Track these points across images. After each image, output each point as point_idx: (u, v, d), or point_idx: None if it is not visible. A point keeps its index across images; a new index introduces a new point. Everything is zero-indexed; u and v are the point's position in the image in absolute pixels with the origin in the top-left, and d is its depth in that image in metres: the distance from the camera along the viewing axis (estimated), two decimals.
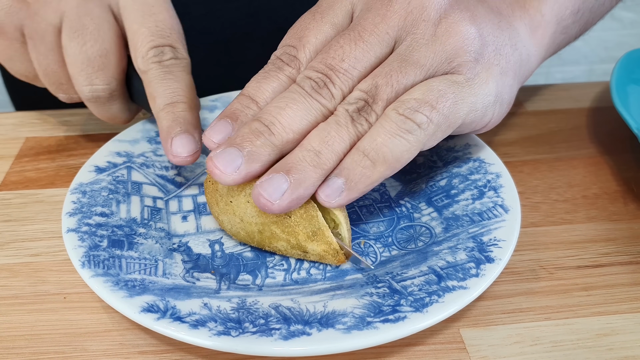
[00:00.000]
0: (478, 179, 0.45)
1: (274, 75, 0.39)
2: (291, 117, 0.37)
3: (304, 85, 0.38)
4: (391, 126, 0.36)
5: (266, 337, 0.33)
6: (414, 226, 0.43)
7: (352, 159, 0.37)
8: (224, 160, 0.36)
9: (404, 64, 0.38)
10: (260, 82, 0.39)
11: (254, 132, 0.37)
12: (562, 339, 0.37)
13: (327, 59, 0.38)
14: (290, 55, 0.40)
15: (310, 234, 0.38)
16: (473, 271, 0.37)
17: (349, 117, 0.37)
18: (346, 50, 0.38)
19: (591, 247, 0.44)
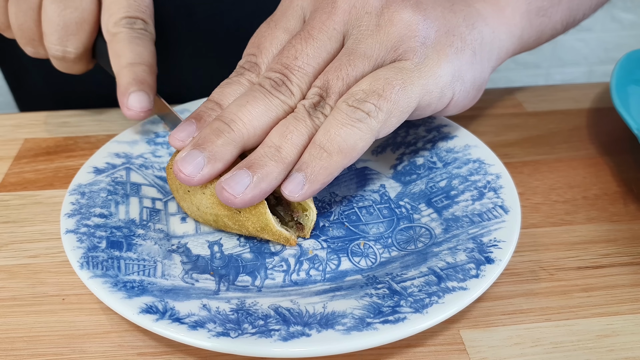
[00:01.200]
0: (478, 180, 0.44)
1: (235, 81, 0.42)
2: (251, 113, 0.39)
3: (264, 84, 0.40)
4: (342, 117, 0.38)
5: (265, 338, 0.33)
6: (414, 227, 0.43)
7: (310, 153, 0.38)
8: (188, 163, 0.38)
9: (352, 57, 0.40)
10: (223, 88, 0.42)
11: (214, 132, 0.38)
12: (563, 340, 0.37)
13: (282, 59, 0.41)
14: (251, 62, 0.42)
15: (259, 228, 0.40)
16: (473, 272, 0.37)
17: (306, 112, 0.39)
18: (298, 49, 0.40)
19: (591, 248, 0.44)
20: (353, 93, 0.39)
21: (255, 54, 0.43)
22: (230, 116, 0.39)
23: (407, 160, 0.49)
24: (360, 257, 0.41)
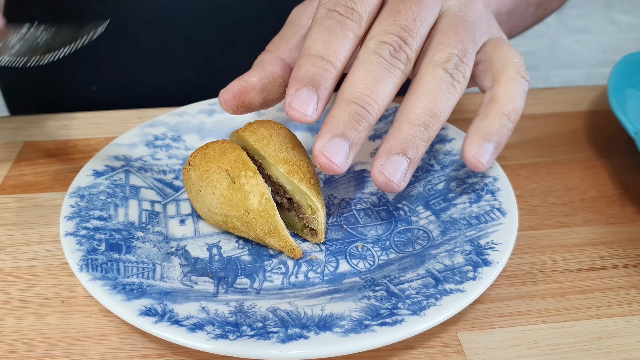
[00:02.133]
0: (475, 183, 0.45)
1: (340, 32, 0.38)
2: (383, 93, 0.37)
3: (383, 53, 0.37)
4: (516, 87, 0.40)
5: (264, 341, 0.33)
6: (412, 229, 0.43)
7: (499, 123, 0.39)
8: (337, 154, 0.36)
9: (467, 27, 0.41)
10: (328, 40, 0.38)
11: (354, 117, 0.36)
12: (560, 342, 0.37)
13: (399, 19, 0.38)
14: (347, 7, 0.38)
15: (267, 230, 0.40)
16: (470, 274, 0.37)
17: (450, 78, 0.38)
18: (415, 11, 0.39)
19: (589, 250, 0.44)
20: (516, 65, 0.41)
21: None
22: (365, 99, 0.37)
23: None
24: (358, 259, 0.41)
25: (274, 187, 0.41)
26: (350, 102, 0.37)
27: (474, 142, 0.39)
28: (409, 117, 0.37)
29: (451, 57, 0.38)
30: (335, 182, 0.48)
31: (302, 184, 0.40)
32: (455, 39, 0.39)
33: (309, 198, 0.40)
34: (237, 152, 0.41)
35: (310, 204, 0.41)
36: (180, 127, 0.51)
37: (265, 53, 0.45)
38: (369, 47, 0.38)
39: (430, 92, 0.38)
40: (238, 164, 0.40)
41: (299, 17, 0.47)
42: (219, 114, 0.53)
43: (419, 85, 0.38)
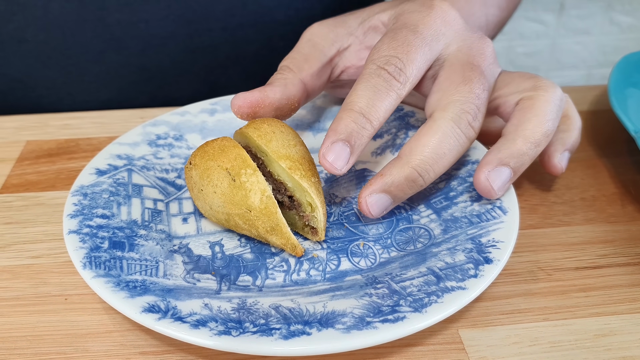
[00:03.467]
0: None
1: (384, 92, 0.40)
2: (445, 164, 0.40)
3: (461, 123, 0.40)
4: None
5: (266, 337, 0.33)
6: (413, 228, 0.43)
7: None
8: (377, 206, 0.41)
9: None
10: (372, 99, 0.39)
11: (408, 183, 0.40)
12: (561, 340, 0.37)
13: (469, 96, 0.41)
14: (397, 67, 0.40)
15: (269, 228, 0.40)
16: (472, 272, 0.37)
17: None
18: (483, 82, 0.42)
19: (589, 249, 0.44)
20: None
21: (402, 60, 0.41)
22: (424, 167, 0.40)
23: None
24: (359, 257, 0.41)
25: (275, 185, 0.41)
26: (408, 166, 0.40)
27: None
28: (525, 133, 0.41)
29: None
30: (337, 181, 0.48)
31: (303, 180, 0.40)
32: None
33: (309, 195, 0.41)
34: (236, 149, 0.41)
35: (309, 201, 0.41)
36: (182, 126, 0.52)
37: (288, 71, 0.47)
38: (449, 113, 0.41)
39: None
40: (238, 161, 0.40)
41: (319, 39, 0.48)
42: (221, 114, 0.53)
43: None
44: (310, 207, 0.41)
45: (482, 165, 0.41)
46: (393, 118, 0.52)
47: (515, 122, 0.42)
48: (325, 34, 0.49)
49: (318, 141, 0.52)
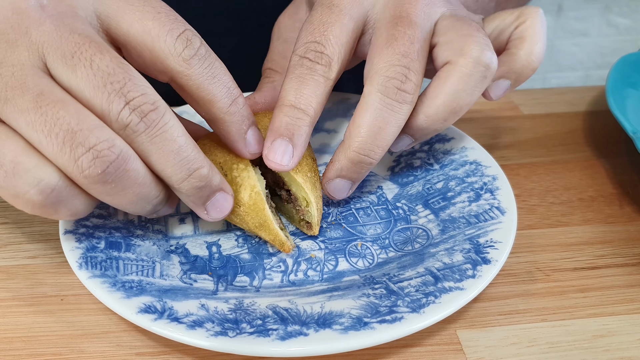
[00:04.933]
0: (474, 182, 0.45)
1: (310, 79, 0.39)
2: (388, 135, 0.40)
3: (389, 92, 0.39)
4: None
5: (263, 338, 0.33)
6: (411, 228, 0.43)
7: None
8: (339, 190, 0.42)
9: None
10: (298, 89, 0.39)
11: (356, 165, 0.41)
12: (559, 341, 0.37)
13: (398, 47, 0.39)
14: (317, 52, 0.40)
15: (257, 224, 0.40)
16: (469, 272, 0.37)
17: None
18: (410, 34, 0.40)
19: (587, 249, 0.44)
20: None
21: (321, 43, 0.40)
22: (368, 147, 0.40)
23: (404, 162, 0.49)
24: (357, 257, 0.41)
25: (275, 179, 0.41)
26: (354, 151, 0.40)
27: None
28: (428, 111, 0.41)
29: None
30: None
31: (299, 175, 0.40)
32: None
33: (303, 190, 0.41)
34: None
35: (304, 196, 0.41)
36: None
37: (273, 73, 0.48)
38: (374, 86, 0.39)
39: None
40: (231, 156, 0.40)
41: (287, 32, 0.49)
42: None
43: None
44: (305, 202, 0.41)
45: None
46: None
47: (427, 94, 0.41)
48: (291, 24, 0.49)
49: (316, 140, 0.52)
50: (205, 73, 0.36)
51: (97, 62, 0.33)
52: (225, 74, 0.37)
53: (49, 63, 0.33)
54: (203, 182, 0.36)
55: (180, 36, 0.35)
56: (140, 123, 0.33)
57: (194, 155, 0.35)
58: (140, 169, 0.34)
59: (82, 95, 0.33)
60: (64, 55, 0.33)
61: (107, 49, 0.33)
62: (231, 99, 0.37)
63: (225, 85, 0.37)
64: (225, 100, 0.37)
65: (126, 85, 0.33)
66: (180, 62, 0.35)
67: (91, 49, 0.33)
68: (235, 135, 0.38)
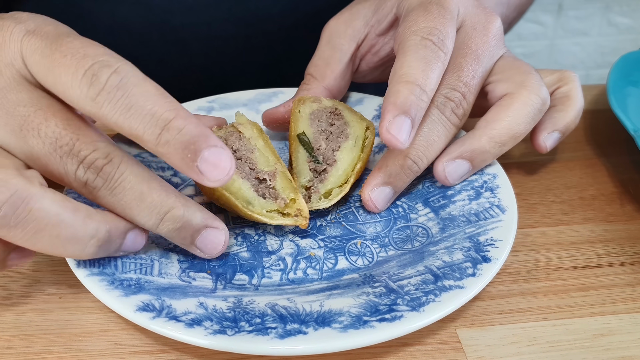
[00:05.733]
0: (474, 180, 0.44)
1: (434, 62, 0.40)
2: (435, 150, 0.43)
3: (445, 109, 0.43)
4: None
5: (262, 336, 0.33)
6: (411, 227, 0.43)
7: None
8: (381, 199, 0.43)
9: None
10: (425, 70, 0.40)
11: (405, 171, 0.42)
12: (559, 339, 0.37)
13: (462, 76, 0.43)
14: (439, 38, 0.41)
15: (244, 203, 0.41)
16: (470, 271, 0.37)
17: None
18: (475, 70, 0.44)
19: (588, 248, 0.44)
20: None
21: (441, 31, 0.42)
22: (418, 154, 0.42)
23: None
24: (357, 256, 0.41)
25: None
26: (406, 158, 0.42)
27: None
28: (492, 132, 0.44)
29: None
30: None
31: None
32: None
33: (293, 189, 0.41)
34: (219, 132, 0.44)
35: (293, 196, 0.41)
36: None
37: (312, 80, 0.50)
38: (433, 101, 0.42)
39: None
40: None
41: (338, 38, 0.50)
42: (218, 112, 0.53)
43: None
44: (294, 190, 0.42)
45: (443, 155, 0.43)
46: None
47: (489, 118, 0.44)
48: (343, 30, 0.50)
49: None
50: (118, 107, 0.32)
51: (44, 130, 0.33)
52: (146, 99, 0.32)
53: (1, 141, 0.34)
54: (179, 223, 0.35)
55: (85, 74, 0.32)
56: (97, 179, 0.34)
57: (161, 198, 0.34)
58: (52, 208, 0.32)
59: (40, 162, 0.34)
60: (14, 130, 0.34)
61: (53, 113, 0.34)
62: (159, 127, 0.32)
63: (147, 113, 0.32)
64: (151, 132, 0.32)
65: (75, 145, 0.33)
66: (89, 103, 0.32)
67: (37, 119, 0.34)
68: (182, 167, 0.32)
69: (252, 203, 0.41)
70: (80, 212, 0.33)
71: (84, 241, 0.34)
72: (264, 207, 0.41)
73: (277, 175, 0.42)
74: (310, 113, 0.47)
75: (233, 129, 0.45)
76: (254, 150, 0.43)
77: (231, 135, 0.44)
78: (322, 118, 0.46)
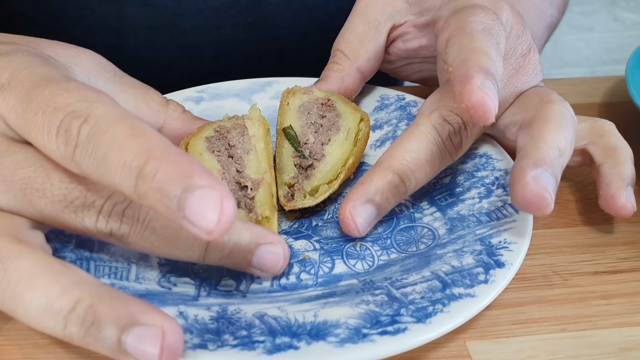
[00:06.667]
0: (485, 176, 0.41)
1: (497, 52, 0.36)
2: (427, 173, 0.38)
3: (442, 132, 0.38)
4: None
5: (248, 351, 0.29)
6: (415, 227, 0.39)
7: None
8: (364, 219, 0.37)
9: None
10: (496, 51, 0.36)
11: (392, 189, 0.37)
12: (580, 354, 0.34)
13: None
14: (497, 40, 0.37)
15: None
16: (481, 277, 0.33)
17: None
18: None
19: (609, 251, 0.40)
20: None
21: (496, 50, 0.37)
22: (406, 173, 0.37)
23: None
24: (356, 259, 0.37)
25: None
26: (393, 172, 0.37)
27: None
28: (544, 138, 0.36)
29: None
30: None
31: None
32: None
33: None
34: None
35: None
36: None
37: (344, 59, 0.45)
38: (432, 119, 0.38)
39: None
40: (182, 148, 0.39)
41: (375, 13, 0.46)
42: (207, 102, 0.49)
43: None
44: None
45: (521, 171, 0.34)
46: (394, 108, 0.48)
47: (527, 137, 0.37)
48: (382, 6, 0.46)
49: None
50: (93, 162, 0.28)
51: (49, 189, 0.31)
52: (115, 147, 0.27)
53: (7, 207, 0.31)
54: (226, 249, 0.32)
55: (59, 132, 0.29)
56: (122, 226, 0.31)
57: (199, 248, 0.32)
58: (29, 269, 0.28)
59: (56, 222, 0.32)
60: (16, 196, 0.31)
61: (53, 167, 0.31)
62: (133, 176, 0.27)
63: (118, 163, 0.27)
64: (127, 185, 0.27)
65: (87, 197, 0.31)
66: (70, 163, 0.29)
67: (39, 179, 0.31)
68: (169, 215, 0.26)
69: None
70: (61, 278, 0.28)
71: (61, 314, 0.28)
72: None
73: (261, 186, 0.38)
74: (300, 105, 0.43)
75: (240, 123, 0.42)
76: (250, 152, 0.40)
77: (235, 129, 0.41)
78: (313, 110, 0.43)
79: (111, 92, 0.40)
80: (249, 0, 0.60)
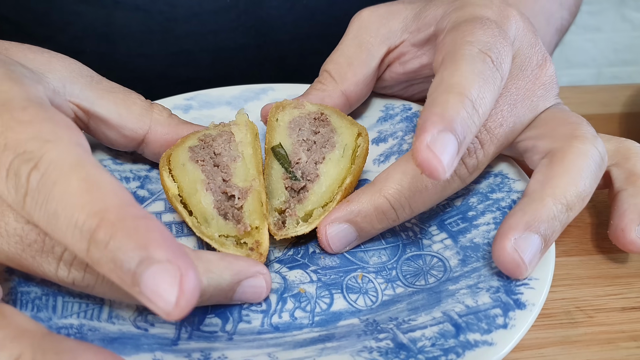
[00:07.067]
0: (501, 199, 0.37)
1: (491, 82, 0.33)
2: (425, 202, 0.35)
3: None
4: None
5: None
6: (424, 256, 0.35)
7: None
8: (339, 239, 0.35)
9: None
10: (482, 88, 0.32)
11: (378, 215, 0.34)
12: None
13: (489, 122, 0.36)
14: (498, 57, 0.34)
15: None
16: (499, 320, 0.29)
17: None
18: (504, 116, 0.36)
19: (637, 284, 0.37)
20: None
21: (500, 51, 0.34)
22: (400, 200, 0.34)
23: None
24: (357, 293, 0.33)
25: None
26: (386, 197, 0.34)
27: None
28: (554, 191, 0.33)
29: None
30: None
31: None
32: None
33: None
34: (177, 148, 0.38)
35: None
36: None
37: (329, 81, 0.42)
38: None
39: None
40: (164, 160, 0.37)
41: (368, 35, 0.43)
42: (197, 111, 0.46)
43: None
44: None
45: (506, 231, 0.32)
46: (400, 119, 0.44)
47: (541, 178, 0.34)
48: (376, 28, 0.43)
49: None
50: (44, 215, 0.25)
51: (3, 228, 0.28)
52: (66, 204, 0.24)
53: None
54: (207, 294, 0.30)
55: (8, 175, 0.26)
56: (86, 276, 0.29)
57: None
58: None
59: (15, 263, 0.29)
60: None
61: (8, 205, 0.28)
62: (85, 240, 0.24)
63: (69, 223, 0.24)
64: (79, 247, 0.24)
65: (46, 242, 0.28)
66: (20, 210, 0.26)
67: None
68: (125, 288, 0.24)
69: (208, 222, 0.34)
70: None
71: None
72: (220, 229, 0.34)
73: (250, 194, 0.34)
74: (290, 121, 0.39)
75: (226, 129, 0.38)
76: (237, 159, 0.36)
77: (221, 137, 0.38)
78: (305, 126, 0.39)
79: (89, 99, 0.37)
80: (248, 3, 0.57)
